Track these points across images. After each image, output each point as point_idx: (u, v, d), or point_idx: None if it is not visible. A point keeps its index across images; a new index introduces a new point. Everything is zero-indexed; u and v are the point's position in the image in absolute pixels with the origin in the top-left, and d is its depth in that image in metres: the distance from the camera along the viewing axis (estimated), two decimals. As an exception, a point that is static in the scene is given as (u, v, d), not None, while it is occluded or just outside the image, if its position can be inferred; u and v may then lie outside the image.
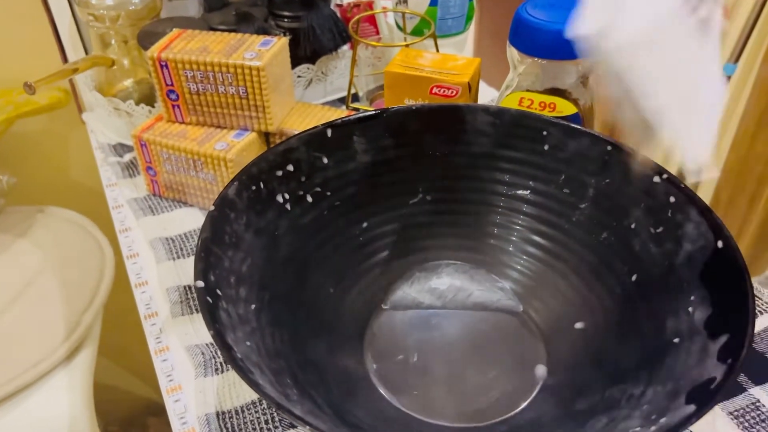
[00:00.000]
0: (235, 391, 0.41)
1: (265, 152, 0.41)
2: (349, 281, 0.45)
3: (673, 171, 0.38)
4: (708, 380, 0.30)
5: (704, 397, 0.29)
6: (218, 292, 0.34)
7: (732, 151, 1.37)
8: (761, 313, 0.45)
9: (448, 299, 0.46)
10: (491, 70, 0.64)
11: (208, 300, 0.33)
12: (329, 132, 0.44)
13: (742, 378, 0.40)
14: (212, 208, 0.37)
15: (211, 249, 0.36)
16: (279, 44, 0.51)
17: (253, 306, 0.37)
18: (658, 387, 0.33)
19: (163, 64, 0.51)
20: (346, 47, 0.67)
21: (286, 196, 0.42)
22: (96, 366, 0.83)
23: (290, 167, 0.42)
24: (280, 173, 0.42)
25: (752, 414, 0.38)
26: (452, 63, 0.51)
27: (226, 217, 0.38)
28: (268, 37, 0.52)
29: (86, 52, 0.71)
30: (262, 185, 0.41)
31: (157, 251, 0.52)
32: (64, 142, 0.98)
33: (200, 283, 0.33)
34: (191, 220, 0.55)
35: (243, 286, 0.37)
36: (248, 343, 0.34)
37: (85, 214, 0.92)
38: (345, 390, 0.38)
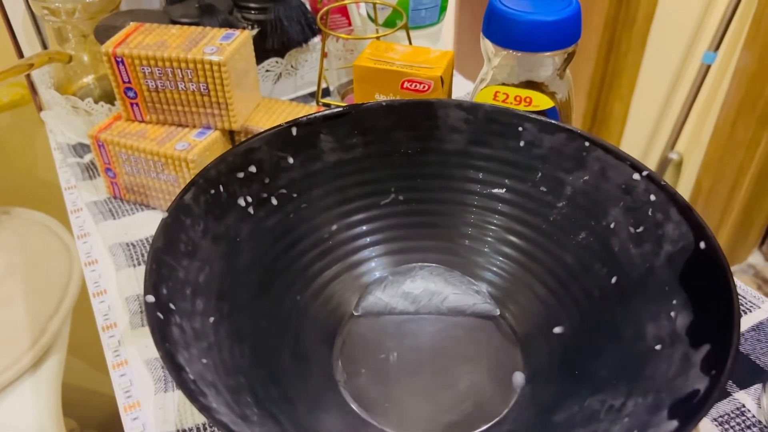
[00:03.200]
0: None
1: (224, 153, 0.39)
2: (317, 287, 0.43)
3: (653, 167, 0.37)
4: (691, 393, 0.28)
5: (687, 413, 0.27)
6: (171, 306, 0.32)
7: (713, 138, 1.37)
8: (745, 313, 0.43)
9: (422, 304, 0.44)
10: (471, 62, 0.62)
11: (158, 316, 0.30)
12: (294, 130, 0.41)
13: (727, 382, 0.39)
14: (165, 214, 0.35)
15: (163, 260, 0.33)
16: (241, 38, 0.49)
17: (211, 319, 0.34)
18: (639, 398, 0.31)
19: (119, 60, 0.48)
20: (316, 39, 0.65)
21: (249, 199, 0.40)
22: (71, 369, 0.80)
23: (252, 168, 0.40)
24: (241, 175, 0.39)
25: (737, 420, 0.37)
26: (424, 56, 0.49)
27: (181, 224, 0.36)
28: (229, 31, 0.49)
29: (44, 48, 0.67)
30: (221, 188, 0.38)
31: (116, 257, 0.49)
32: (29, 142, 0.95)
33: (150, 298, 0.31)
34: (154, 223, 0.52)
35: (200, 297, 0.35)
36: (204, 361, 0.31)
37: (52, 215, 0.89)
38: (312, 405, 0.36)
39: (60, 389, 0.75)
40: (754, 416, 0.37)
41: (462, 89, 0.69)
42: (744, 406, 0.37)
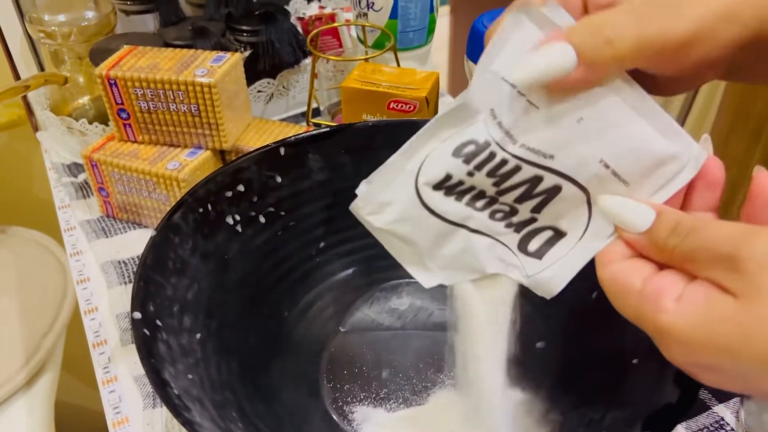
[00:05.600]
0: (184, 423, 0.39)
1: (213, 173, 0.40)
2: (304, 304, 0.43)
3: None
4: (665, 406, 0.29)
5: (660, 425, 0.27)
6: (158, 322, 0.32)
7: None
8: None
9: (408, 320, 0.44)
10: (464, 82, 0.63)
11: (144, 332, 0.31)
12: (282, 150, 0.42)
13: (706, 395, 0.39)
14: (154, 232, 0.36)
15: (151, 277, 0.34)
16: (232, 60, 0.50)
17: (198, 335, 0.35)
18: (617, 412, 0.32)
19: (112, 82, 0.49)
20: (307, 61, 0.66)
21: (237, 217, 0.41)
22: (64, 386, 0.80)
23: (241, 187, 0.41)
24: (229, 194, 0.40)
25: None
26: (410, 77, 0.50)
27: (170, 242, 0.36)
28: (220, 53, 0.51)
29: (41, 70, 0.69)
30: (210, 207, 0.39)
31: (108, 275, 0.50)
32: (26, 161, 0.96)
33: (137, 315, 0.32)
34: (145, 242, 0.53)
35: (188, 314, 0.35)
36: (190, 376, 0.32)
37: (48, 233, 0.90)
38: (298, 421, 0.37)
39: (53, 406, 0.76)
40: (732, 429, 0.37)
41: (451, 108, 0.70)
42: (723, 419, 0.38)
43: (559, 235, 0.27)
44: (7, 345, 0.75)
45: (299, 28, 0.65)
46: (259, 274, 0.42)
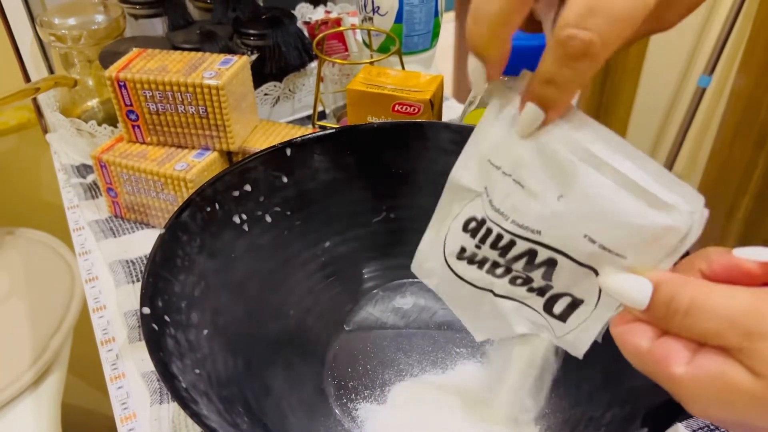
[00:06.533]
0: (190, 419, 0.39)
1: (220, 172, 0.41)
2: (309, 302, 0.44)
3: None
4: (664, 403, 0.29)
5: (659, 422, 0.28)
6: (166, 318, 0.33)
7: (710, 161, 1.38)
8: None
9: (411, 319, 0.45)
10: (468, 86, 0.64)
11: (153, 327, 0.32)
12: (289, 151, 0.43)
13: (707, 395, 0.40)
14: (163, 230, 0.36)
15: (159, 273, 0.35)
16: (239, 63, 0.51)
17: (205, 331, 0.36)
18: (616, 409, 0.32)
19: (122, 84, 0.50)
20: (313, 65, 0.67)
21: (244, 216, 0.41)
22: (70, 387, 0.81)
23: (248, 187, 0.41)
24: (236, 194, 0.41)
25: (717, 431, 0.38)
26: (415, 80, 0.50)
27: (178, 240, 0.37)
28: (228, 56, 0.51)
29: (51, 72, 0.70)
30: (217, 206, 0.40)
31: (116, 274, 0.50)
32: (34, 163, 0.97)
33: (146, 310, 0.32)
34: (153, 241, 0.53)
35: (195, 311, 0.36)
36: (197, 371, 0.33)
37: (56, 234, 0.91)
38: (302, 418, 0.37)
39: (59, 407, 0.76)
40: (733, 428, 0.38)
41: (456, 113, 0.71)
42: (724, 418, 0.38)
43: (577, 301, 0.28)
44: (15, 345, 0.76)
45: (305, 33, 0.66)
46: (265, 273, 0.42)
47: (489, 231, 0.28)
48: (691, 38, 1.33)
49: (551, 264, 0.27)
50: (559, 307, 0.29)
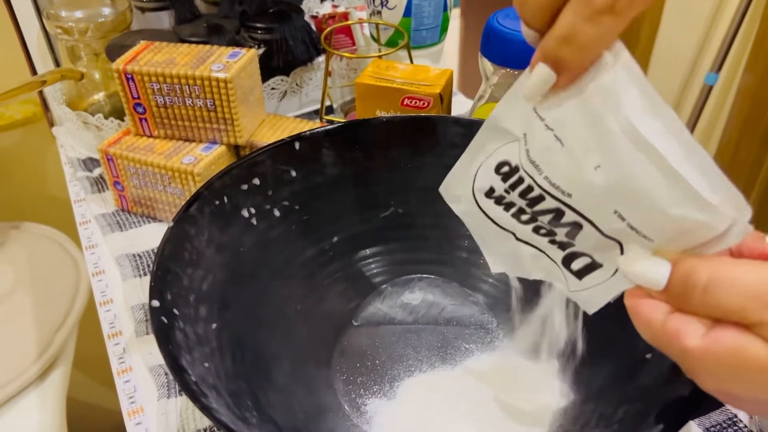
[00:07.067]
0: (198, 413, 0.39)
1: (229, 166, 0.40)
2: (317, 297, 0.44)
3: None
4: (677, 399, 0.29)
5: (673, 418, 0.28)
6: (175, 311, 0.33)
7: (717, 158, 1.37)
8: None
9: (420, 314, 0.44)
10: (476, 81, 0.63)
11: (162, 320, 0.31)
12: (297, 145, 0.43)
13: (719, 393, 0.39)
14: (171, 223, 0.36)
15: (168, 267, 0.34)
16: (247, 56, 0.51)
17: (213, 325, 0.36)
18: (628, 406, 0.32)
19: (129, 76, 0.50)
20: (321, 59, 0.66)
21: (252, 210, 0.41)
22: (75, 383, 0.81)
23: (256, 181, 0.41)
24: (245, 187, 0.41)
25: (730, 430, 0.37)
26: (424, 74, 0.50)
27: (186, 234, 0.37)
28: (236, 49, 0.51)
29: (57, 65, 0.69)
30: (225, 200, 0.40)
31: (123, 268, 0.50)
32: (40, 157, 0.97)
33: (155, 303, 0.32)
34: (160, 235, 0.52)
35: (203, 304, 0.36)
36: (206, 365, 0.32)
37: (61, 229, 0.91)
38: (311, 412, 0.37)
39: (64, 402, 0.76)
40: (746, 426, 0.37)
41: (463, 108, 0.71)
42: (736, 416, 0.38)
43: (595, 264, 0.28)
44: (20, 339, 0.76)
45: (313, 26, 0.65)
46: (273, 267, 0.42)
47: (521, 180, 0.28)
48: (699, 36, 1.32)
49: (576, 227, 0.27)
50: (577, 265, 0.28)
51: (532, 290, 0.35)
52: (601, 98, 0.24)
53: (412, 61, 0.57)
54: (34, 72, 0.69)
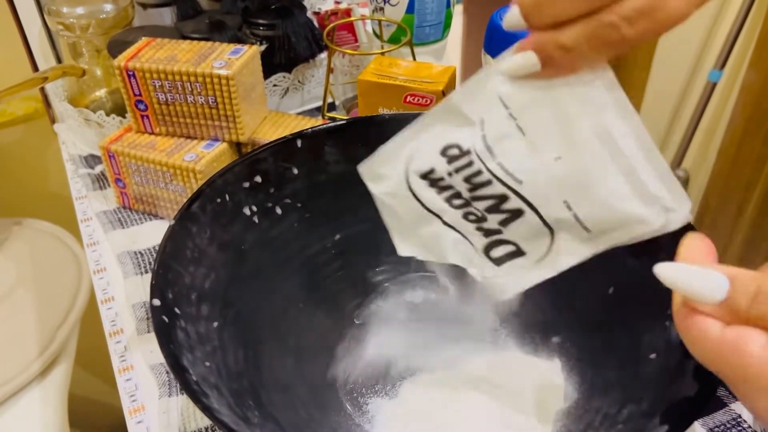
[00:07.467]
0: (199, 412, 0.39)
1: (231, 163, 0.40)
2: (319, 295, 0.43)
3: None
4: (683, 399, 0.28)
5: (679, 418, 0.27)
6: (176, 310, 0.33)
7: (720, 156, 1.37)
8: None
9: (422, 313, 0.44)
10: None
11: (163, 319, 0.31)
12: (299, 142, 0.42)
13: (723, 393, 0.39)
14: (173, 221, 0.36)
15: (170, 265, 0.34)
16: (249, 53, 0.50)
17: (215, 324, 0.35)
18: (633, 406, 0.32)
19: (131, 73, 0.50)
20: (323, 55, 0.66)
21: (254, 208, 0.41)
22: (77, 380, 0.81)
23: (258, 178, 0.41)
24: (247, 185, 0.40)
25: (734, 430, 0.37)
26: (427, 71, 0.50)
27: (188, 231, 0.37)
28: (238, 46, 0.51)
29: (59, 62, 0.69)
30: (227, 197, 0.39)
31: (125, 266, 0.50)
32: (41, 153, 0.97)
33: (156, 302, 0.32)
34: (161, 233, 0.52)
35: (205, 303, 0.36)
36: (207, 364, 0.32)
37: (63, 225, 0.91)
38: (313, 412, 0.37)
39: (66, 399, 0.76)
40: (749, 426, 0.37)
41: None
42: (740, 416, 0.38)
43: (519, 252, 0.29)
44: (22, 336, 0.76)
45: (315, 23, 0.65)
46: (275, 265, 0.42)
47: (470, 163, 0.28)
48: (702, 33, 1.32)
49: (516, 214, 0.28)
50: (497, 252, 0.30)
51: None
52: (576, 97, 0.25)
53: (414, 58, 0.57)
54: (35, 68, 0.68)
